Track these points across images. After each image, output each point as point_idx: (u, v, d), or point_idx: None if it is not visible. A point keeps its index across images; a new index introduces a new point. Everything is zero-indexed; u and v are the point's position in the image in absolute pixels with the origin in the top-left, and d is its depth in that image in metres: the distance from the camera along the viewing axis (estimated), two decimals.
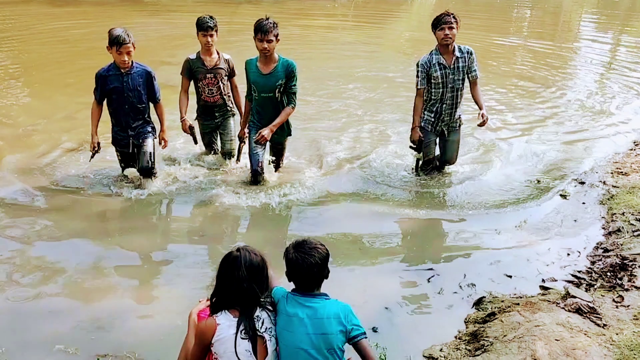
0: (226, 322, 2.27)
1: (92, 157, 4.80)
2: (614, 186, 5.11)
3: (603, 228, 4.43)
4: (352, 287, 3.57)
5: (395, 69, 9.90)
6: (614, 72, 10.64)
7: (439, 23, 4.75)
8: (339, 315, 2.34)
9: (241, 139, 5.11)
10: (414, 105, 5.02)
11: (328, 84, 8.58)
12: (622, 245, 4.06)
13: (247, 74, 4.70)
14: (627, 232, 4.25)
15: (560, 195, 5.03)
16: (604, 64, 11.61)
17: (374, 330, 3.16)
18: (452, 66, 4.82)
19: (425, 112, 5.02)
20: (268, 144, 4.94)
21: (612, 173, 5.46)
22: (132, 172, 4.98)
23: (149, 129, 4.79)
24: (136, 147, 4.78)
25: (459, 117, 5.09)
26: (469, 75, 4.92)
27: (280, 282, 2.56)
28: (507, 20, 18.80)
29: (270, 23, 4.40)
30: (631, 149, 6.24)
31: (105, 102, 4.68)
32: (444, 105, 4.95)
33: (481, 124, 4.93)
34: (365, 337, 2.35)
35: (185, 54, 5.18)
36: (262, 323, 2.33)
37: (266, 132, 4.71)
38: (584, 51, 13.45)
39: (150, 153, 4.72)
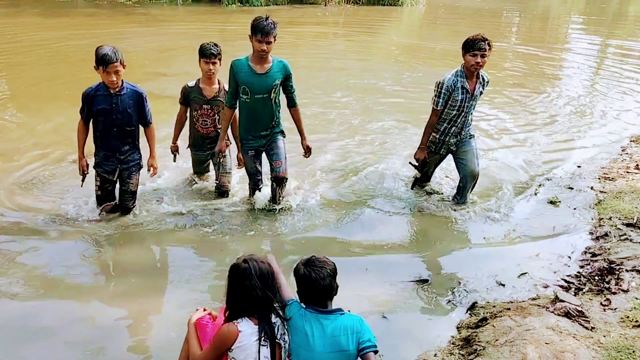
0: (248, 329, 2.34)
1: (82, 180, 4.54)
2: (602, 191, 5.24)
3: (591, 233, 4.54)
4: (348, 297, 3.61)
5: (387, 77, 10.02)
6: (602, 78, 10.84)
7: (472, 48, 4.44)
8: (353, 330, 2.42)
9: (220, 154, 4.69)
10: (427, 124, 4.80)
11: (321, 93, 8.64)
12: (609, 249, 4.17)
13: (236, 76, 4.31)
14: (614, 236, 4.37)
15: (550, 201, 5.14)
16: (592, 69, 11.82)
17: None
18: (474, 93, 4.64)
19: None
20: (265, 157, 4.69)
21: (599, 178, 5.59)
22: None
23: (137, 159, 4.52)
24: (121, 181, 4.52)
25: (468, 131, 4.87)
26: None
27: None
28: (496, 25, 19.02)
29: (271, 24, 4.14)
30: (618, 155, 6.38)
31: (91, 125, 4.37)
32: (453, 128, 4.77)
33: None
34: (373, 351, 2.41)
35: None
36: (278, 329, 2.41)
37: (308, 144, 4.69)
38: (572, 56, 13.67)
39: (134, 192, 4.55)
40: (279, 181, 4.62)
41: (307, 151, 4.76)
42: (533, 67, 11.58)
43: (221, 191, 5.01)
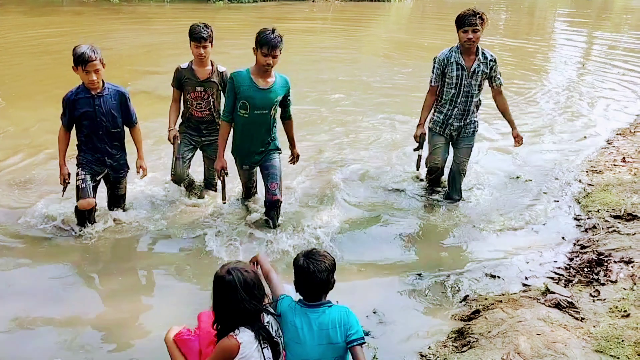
0: (247, 338, 2.31)
1: (63, 190, 4.32)
2: (589, 184, 5.32)
3: (579, 225, 4.61)
4: (340, 292, 3.63)
5: (376, 72, 10.04)
6: (588, 71, 10.96)
7: (463, 24, 4.39)
8: (340, 322, 2.45)
9: (222, 172, 4.35)
10: (424, 102, 4.76)
11: (311, 89, 8.64)
12: (597, 241, 4.24)
13: (236, 89, 4.09)
14: (602, 228, 4.44)
15: (538, 194, 5.20)
16: (579, 63, 11.93)
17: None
18: (471, 70, 4.51)
19: (435, 113, 4.79)
20: (259, 174, 4.50)
21: (586, 171, 5.66)
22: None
23: (125, 162, 4.42)
24: (110, 185, 4.45)
25: (473, 123, 4.80)
26: (493, 83, 4.68)
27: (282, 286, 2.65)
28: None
29: (278, 37, 3.98)
30: (605, 148, 6.47)
31: (74, 130, 4.19)
32: (455, 110, 4.66)
33: (516, 145, 4.94)
34: (361, 344, 2.43)
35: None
36: (272, 327, 2.43)
37: (298, 152, 4.62)
38: (559, 50, 13.79)
39: (124, 195, 4.55)
40: (273, 204, 4.35)
41: (296, 158, 4.69)
42: (520, 61, 11.65)
43: (208, 182, 4.95)
